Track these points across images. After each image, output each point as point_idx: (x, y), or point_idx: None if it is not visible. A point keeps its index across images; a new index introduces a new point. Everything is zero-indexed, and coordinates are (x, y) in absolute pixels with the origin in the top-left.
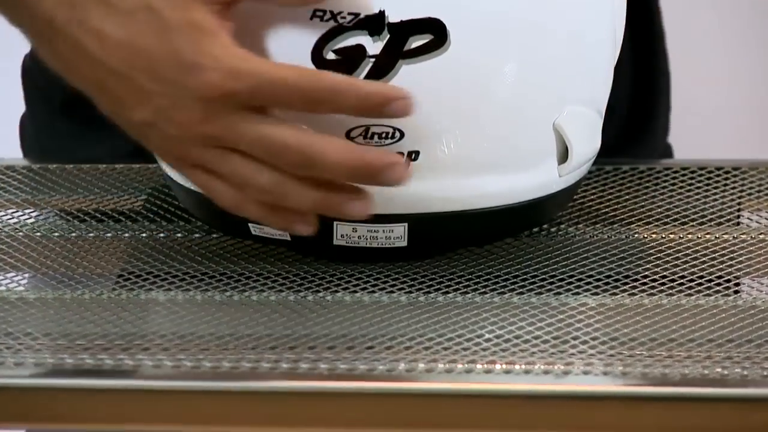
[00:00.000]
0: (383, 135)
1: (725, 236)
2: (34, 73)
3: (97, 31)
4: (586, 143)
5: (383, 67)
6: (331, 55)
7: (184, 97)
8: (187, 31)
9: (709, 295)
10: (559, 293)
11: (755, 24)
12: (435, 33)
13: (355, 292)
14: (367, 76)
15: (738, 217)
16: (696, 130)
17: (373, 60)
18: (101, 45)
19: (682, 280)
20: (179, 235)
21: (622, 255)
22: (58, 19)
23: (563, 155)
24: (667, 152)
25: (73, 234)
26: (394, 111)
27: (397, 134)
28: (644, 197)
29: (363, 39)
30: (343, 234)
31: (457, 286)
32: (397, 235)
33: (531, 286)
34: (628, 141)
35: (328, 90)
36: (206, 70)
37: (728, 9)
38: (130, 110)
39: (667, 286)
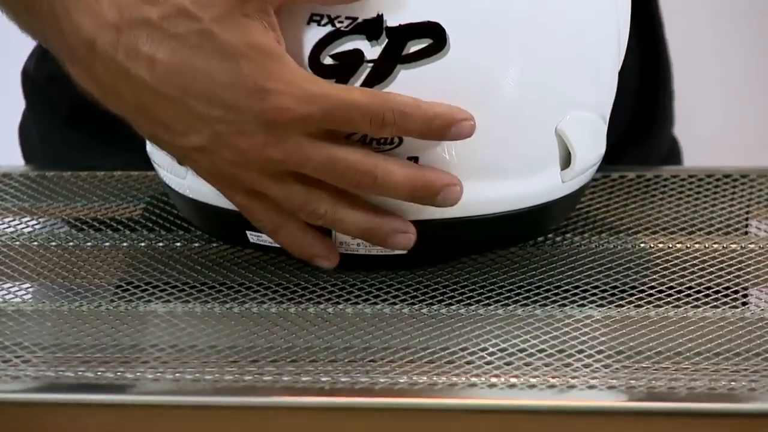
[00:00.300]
0: (382, 140)
1: (733, 246)
2: (38, 82)
3: (147, 57)
4: (590, 148)
5: (381, 73)
6: (328, 60)
7: (248, 122)
8: (251, 55)
9: (716, 307)
10: (564, 305)
11: (757, 25)
12: (434, 37)
13: (357, 303)
14: (365, 82)
15: (746, 225)
16: (701, 134)
17: (371, 65)
18: (151, 71)
19: (689, 291)
20: (178, 244)
21: (628, 265)
22: (100, 42)
23: (566, 161)
24: (675, 145)
25: (71, 243)
26: (458, 133)
27: (396, 139)
28: (651, 206)
29: (361, 44)
30: (342, 241)
31: (460, 297)
32: None
33: (536, 298)
34: (636, 138)
35: (396, 112)
36: (278, 95)
37: (728, 7)
38: (181, 136)
39: (674, 297)
